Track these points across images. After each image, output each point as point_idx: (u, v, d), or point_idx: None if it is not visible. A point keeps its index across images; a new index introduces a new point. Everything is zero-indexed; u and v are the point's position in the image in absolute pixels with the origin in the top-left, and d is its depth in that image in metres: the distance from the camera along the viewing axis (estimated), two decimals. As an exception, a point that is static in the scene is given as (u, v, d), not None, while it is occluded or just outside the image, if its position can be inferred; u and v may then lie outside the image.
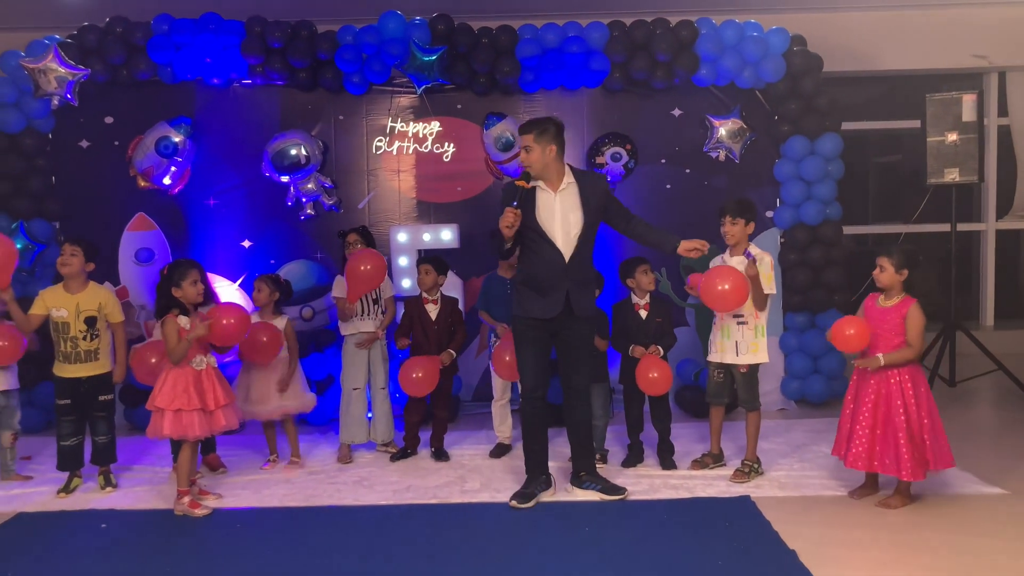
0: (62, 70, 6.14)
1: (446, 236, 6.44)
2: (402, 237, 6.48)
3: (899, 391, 4.23)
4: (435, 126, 6.70)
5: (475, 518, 4.32)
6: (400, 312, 5.62)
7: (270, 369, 5.20)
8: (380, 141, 6.70)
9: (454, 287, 6.25)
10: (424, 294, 5.45)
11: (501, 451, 5.46)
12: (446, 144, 6.69)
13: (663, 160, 6.76)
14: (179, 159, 6.36)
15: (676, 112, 6.75)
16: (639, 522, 4.21)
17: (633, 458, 5.15)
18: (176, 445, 4.70)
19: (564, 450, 5.35)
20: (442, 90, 6.58)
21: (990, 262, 8.50)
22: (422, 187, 6.73)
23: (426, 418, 5.53)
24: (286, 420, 5.28)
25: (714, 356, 4.90)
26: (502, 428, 5.50)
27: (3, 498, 4.77)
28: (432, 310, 5.41)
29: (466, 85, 6.55)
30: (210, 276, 6.12)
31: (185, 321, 4.45)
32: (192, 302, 4.50)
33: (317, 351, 6.31)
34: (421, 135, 6.70)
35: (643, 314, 5.09)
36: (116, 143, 6.50)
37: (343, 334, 5.46)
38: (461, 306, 5.75)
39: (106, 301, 4.85)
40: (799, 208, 6.53)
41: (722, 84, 6.58)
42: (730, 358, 4.81)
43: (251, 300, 5.48)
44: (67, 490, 4.82)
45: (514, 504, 4.44)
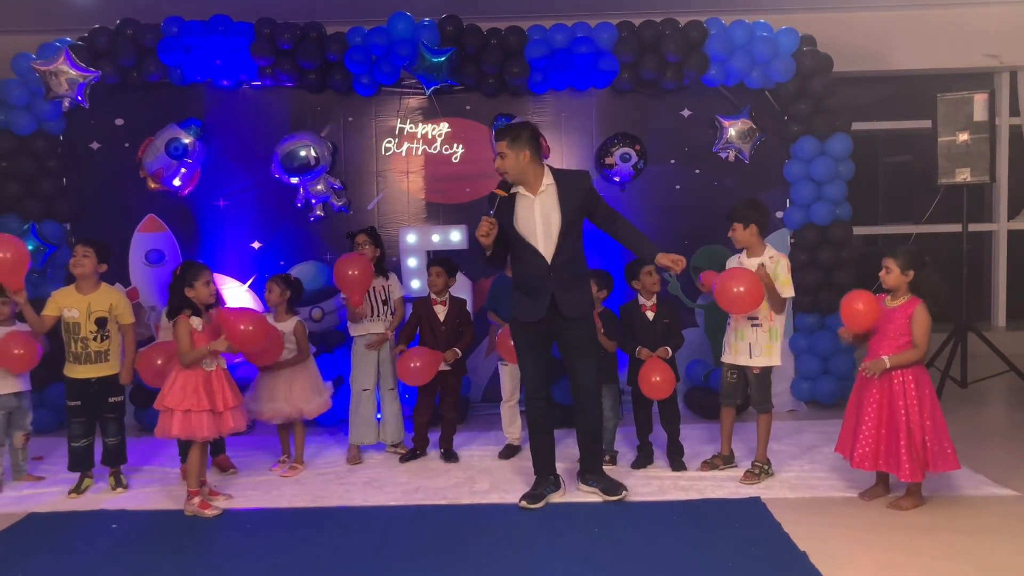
0: (73, 72, 6.17)
1: (455, 237, 6.44)
2: (411, 238, 6.49)
3: (902, 392, 4.23)
4: (444, 127, 6.71)
5: (484, 519, 4.32)
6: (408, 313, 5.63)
7: (285, 372, 5.19)
8: (389, 142, 6.71)
9: (463, 288, 6.25)
10: (433, 295, 5.45)
11: (510, 452, 5.46)
12: (455, 145, 6.70)
13: (672, 161, 6.75)
14: (189, 161, 6.39)
15: (685, 112, 6.73)
16: (649, 523, 4.21)
17: (642, 459, 5.14)
18: (184, 446, 4.70)
19: (573, 451, 5.34)
20: (451, 91, 6.59)
21: (1002, 262, 8.45)
22: (431, 188, 6.74)
23: (435, 419, 5.54)
24: (294, 423, 5.27)
25: (727, 357, 4.90)
26: (511, 429, 5.50)
27: (15, 498, 4.80)
28: (440, 311, 5.41)
29: (475, 86, 6.56)
30: (221, 277, 6.17)
31: (197, 322, 4.47)
32: (205, 303, 4.52)
33: (327, 352, 6.33)
34: (430, 136, 6.71)
35: (650, 315, 5.08)
36: (126, 145, 6.53)
37: (352, 335, 5.47)
38: (470, 307, 5.75)
39: (117, 302, 4.87)
40: (809, 208, 6.51)
41: (731, 84, 6.57)
42: (743, 360, 4.81)
43: (262, 301, 5.48)
44: (78, 490, 4.84)
45: (523, 505, 4.44)
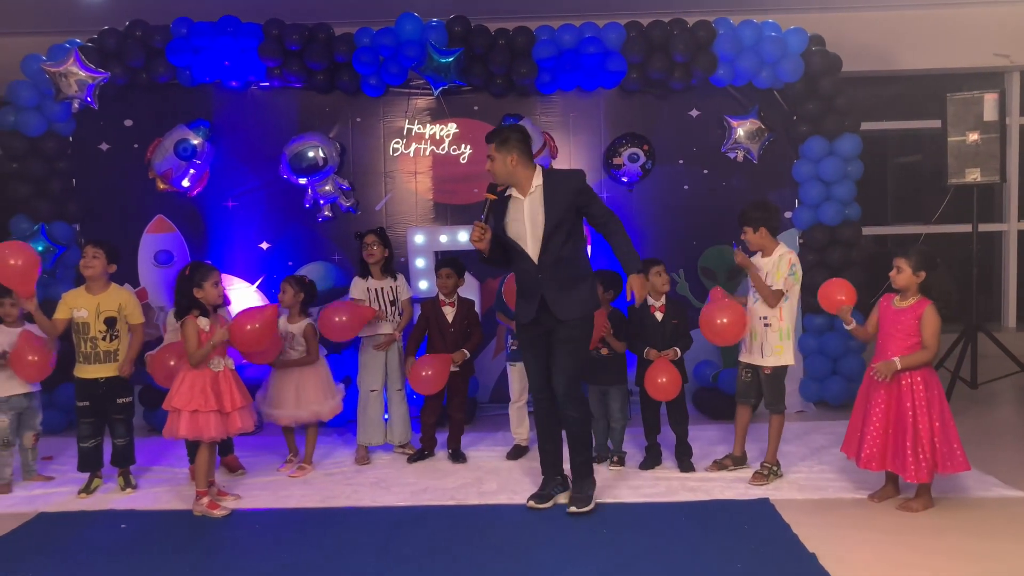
0: (82, 74, 6.19)
1: (463, 238, 6.43)
2: (419, 239, 6.49)
3: (910, 393, 4.21)
4: (452, 128, 6.71)
5: (492, 519, 4.32)
6: (416, 314, 5.63)
7: (294, 373, 5.20)
8: (397, 143, 6.72)
9: (471, 289, 6.25)
10: (442, 296, 5.45)
11: (518, 453, 5.45)
12: (463, 146, 6.70)
13: (681, 161, 6.74)
14: (198, 161, 6.40)
15: (694, 113, 6.72)
16: (658, 524, 4.20)
17: (651, 460, 5.13)
18: (193, 446, 4.72)
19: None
20: (459, 92, 6.59)
21: (1012, 263, 8.40)
22: (439, 189, 6.74)
23: (443, 420, 5.54)
24: (306, 425, 5.28)
25: (743, 356, 4.92)
26: (519, 430, 5.49)
27: (25, 498, 4.82)
28: (449, 312, 5.41)
29: (483, 87, 6.57)
30: (229, 278, 6.18)
31: (205, 323, 4.48)
32: (213, 303, 4.53)
33: (335, 353, 6.33)
34: (438, 137, 6.71)
35: (659, 316, 5.07)
36: (135, 146, 6.56)
37: (360, 336, 5.47)
38: (477, 308, 5.75)
39: (126, 302, 4.88)
40: (818, 209, 6.49)
41: (740, 84, 6.55)
42: (756, 359, 4.82)
43: (271, 302, 5.48)
44: (88, 490, 4.86)
45: (531, 505, 4.44)
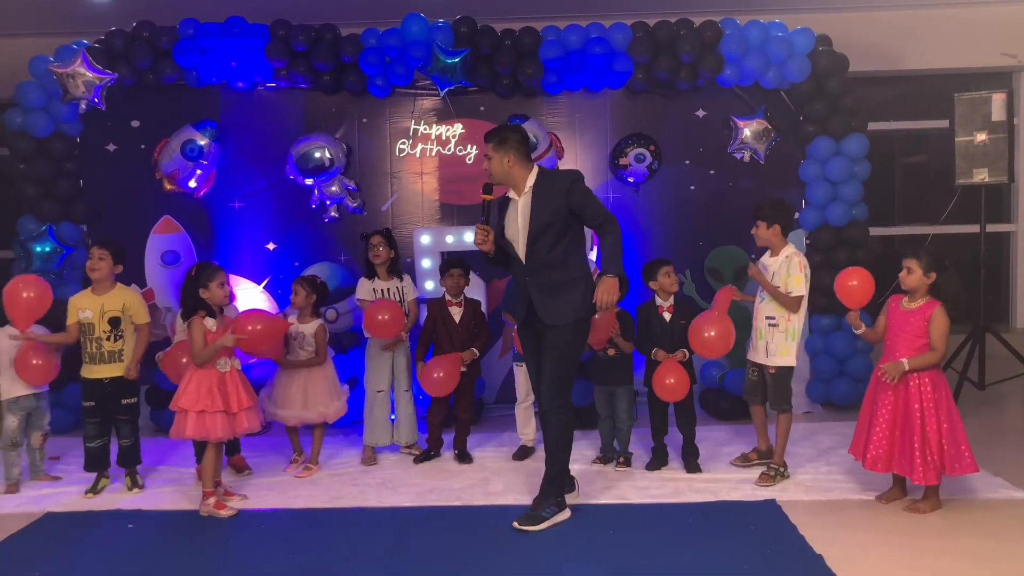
0: (90, 74, 6.20)
1: (469, 238, 6.41)
2: (425, 239, 6.49)
3: (917, 395, 4.20)
4: (458, 128, 6.72)
5: (499, 520, 4.30)
6: (423, 315, 5.63)
7: (301, 373, 5.21)
8: (403, 143, 6.72)
9: (477, 289, 6.25)
10: (449, 297, 5.45)
11: (524, 453, 5.45)
12: (469, 146, 6.70)
13: (687, 161, 6.73)
14: (204, 162, 6.42)
15: (700, 113, 6.71)
16: (664, 526, 4.19)
17: (657, 461, 5.12)
18: (200, 447, 4.72)
19: (588, 453, 5.35)
20: (465, 92, 6.60)
21: (1020, 263, 8.35)
22: (445, 189, 6.75)
23: (449, 420, 5.54)
24: (313, 425, 5.28)
25: (750, 355, 4.94)
26: (526, 431, 5.48)
27: (32, 498, 4.83)
28: (456, 312, 5.42)
29: (489, 87, 6.56)
30: (235, 278, 6.19)
31: (211, 323, 4.48)
32: (219, 304, 4.53)
33: (341, 353, 6.34)
34: (444, 137, 6.71)
35: (667, 316, 5.06)
36: (142, 147, 6.58)
37: (367, 336, 5.47)
38: (484, 308, 5.75)
39: (131, 303, 4.88)
40: (825, 209, 6.47)
41: (746, 85, 6.54)
42: (761, 358, 4.83)
43: (277, 302, 5.49)
44: (95, 490, 4.87)
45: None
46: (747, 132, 6.53)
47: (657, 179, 6.64)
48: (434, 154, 6.73)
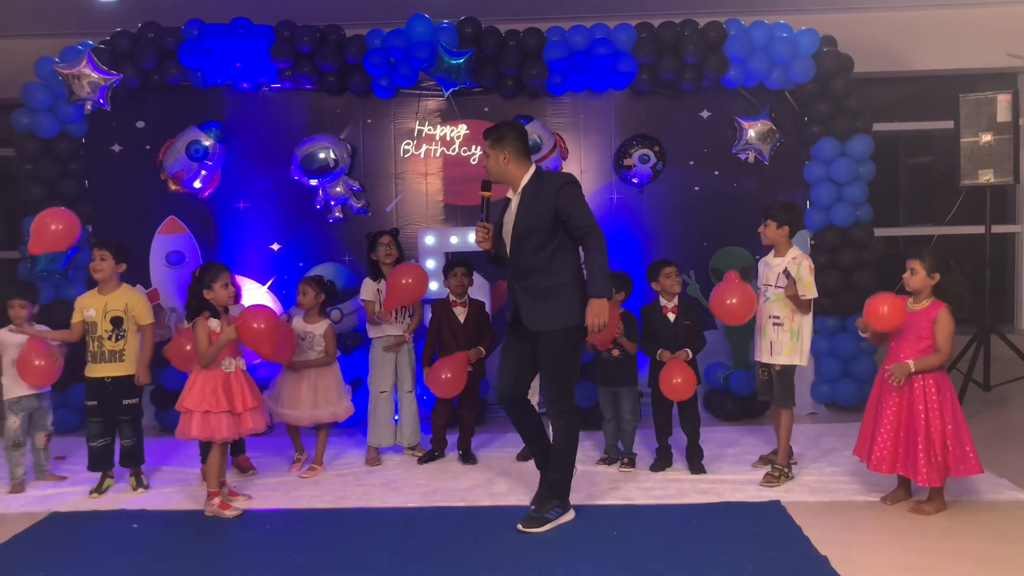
0: (95, 75, 6.21)
1: (473, 239, 6.39)
2: (429, 240, 6.50)
3: (922, 396, 4.18)
4: (462, 129, 6.72)
5: (503, 520, 4.30)
6: (427, 316, 5.63)
7: (309, 374, 5.21)
8: (408, 144, 6.72)
9: (481, 289, 6.25)
10: (453, 297, 5.46)
11: (528, 454, 5.44)
12: (473, 147, 6.70)
13: (691, 162, 6.73)
14: (209, 163, 6.43)
15: (705, 114, 6.71)
16: (668, 526, 4.19)
17: (661, 462, 5.12)
18: (205, 447, 4.74)
19: (590, 454, 5.35)
20: (469, 93, 6.60)
21: (1026, 264, 8.35)
22: (449, 190, 6.75)
23: (453, 421, 5.54)
24: (319, 426, 5.29)
25: (757, 355, 4.94)
26: (529, 431, 5.48)
27: (37, 497, 4.84)
28: (460, 312, 5.42)
29: (493, 88, 6.56)
30: (240, 279, 6.19)
31: (216, 324, 4.49)
32: (223, 304, 4.54)
33: (345, 354, 6.34)
34: (448, 138, 6.72)
35: (671, 317, 5.06)
36: (147, 147, 6.59)
37: (371, 337, 5.48)
38: (488, 309, 5.75)
39: (134, 303, 4.89)
40: (829, 210, 6.47)
41: (751, 85, 6.54)
42: (766, 357, 4.83)
43: (282, 302, 5.49)
44: (99, 490, 4.88)
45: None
46: (752, 133, 6.52)
47: (661, 180, 6.63)
48: (438, 155, 6.73)
